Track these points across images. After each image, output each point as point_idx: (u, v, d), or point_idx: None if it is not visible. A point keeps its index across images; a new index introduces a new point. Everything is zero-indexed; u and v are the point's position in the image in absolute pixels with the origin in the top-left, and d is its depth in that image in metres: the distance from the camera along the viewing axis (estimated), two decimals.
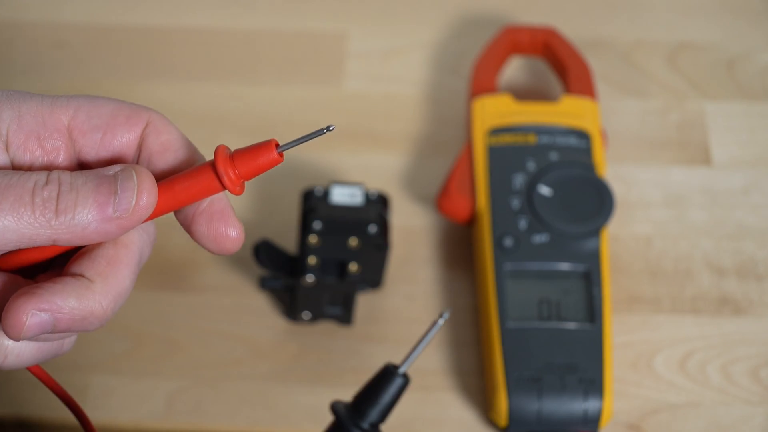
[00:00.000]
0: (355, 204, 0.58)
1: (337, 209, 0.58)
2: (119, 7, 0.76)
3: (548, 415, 0.53)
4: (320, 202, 0.58)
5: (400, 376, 0.44)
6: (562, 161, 0.60)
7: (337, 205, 0.58)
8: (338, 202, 0.58)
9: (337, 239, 0.57)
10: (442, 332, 0.60)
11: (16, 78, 0.72)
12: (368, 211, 0.58)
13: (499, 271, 0.57)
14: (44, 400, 0.57)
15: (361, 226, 0.58)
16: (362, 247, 0.57)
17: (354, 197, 0.59)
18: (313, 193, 0.59)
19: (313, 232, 0.57)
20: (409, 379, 0.45)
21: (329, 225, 0.58)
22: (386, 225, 0.59)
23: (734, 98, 0.70)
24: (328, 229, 0.57)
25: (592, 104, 0.63)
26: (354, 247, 0.57)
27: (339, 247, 0.57)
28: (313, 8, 0.76)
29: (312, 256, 0.56)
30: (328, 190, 0.59)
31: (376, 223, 0.58)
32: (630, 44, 0.73)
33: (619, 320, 0.60)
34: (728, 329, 0.60)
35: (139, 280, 0.62)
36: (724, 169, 0.66)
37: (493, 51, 0.67)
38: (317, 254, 0.57)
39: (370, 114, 0.70)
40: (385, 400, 0.44)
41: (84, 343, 0.59)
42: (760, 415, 0.56)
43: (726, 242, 0.63)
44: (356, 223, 0.58)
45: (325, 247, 0.57)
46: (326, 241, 0.57)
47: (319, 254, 0.57)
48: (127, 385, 0.57)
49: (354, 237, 0.57)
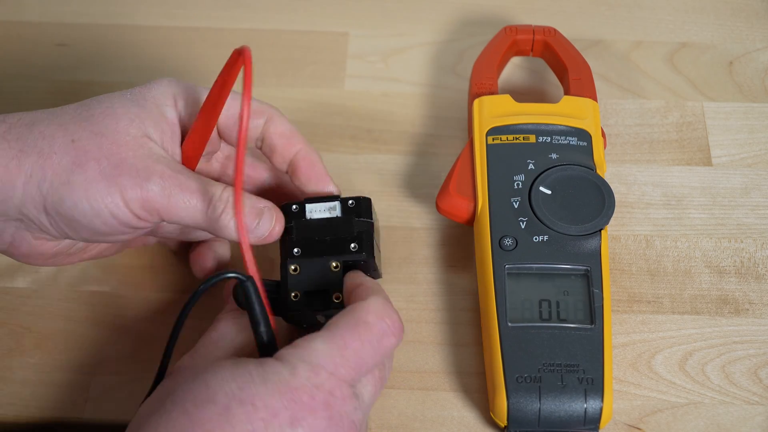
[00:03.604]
0: (333, 217, 0.55)
1: (315, 226, 0.55)
2: (119, 7, 0.76)
3: (548, 415, 0.53)
4: (297, 219, 0.55)
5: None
6: (562, 161, 0.60)
7: (314, 221, 0.55)
8: (315, 217, 0.55)
9: (318, 265, 0.54)
10: (442, 332, 0.60)
11: (17, 78, 0.72)
12: (348, 224, 0.55)
13: (499, 271, 0.57)
14: (44, 400, 0.57)
15: (342, 245, 0.54)
16: (345, 268, 0.54)
17: (331, 211, 0.55)
18: (288, 209, 0.55)
19: (293, 260, 0.54)
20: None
21: (308, 248, 0.54)
22: (370, 232, 0.55)
23: (734, 98, 0.70)
24: (307, 252, 0.54)
25: (592, 104, 0.63)
26: (336, 271, 0.54)
27: (320, 273, 0.54)
28: (313, 8, 0.76)
29: (294, 291, 0.53)
30: (303, 207, 0.55)
31: (358, 239, 0.54)
32: (630, 44, 0.73)
33: (619, 320, 0.60)
34: (728, 329, 0.60)
35: (140, 281, 0.62)
36: (724, 169, 0.67)
37: (493, 51, 0.67)
38: (299, 286, 0.53)
39: (370, 114, 0.70)
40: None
41: (84, 344, 0.59)
42: (760, 415, 0.56)
43: (726, 242, 0.63)
44: (336, 242, 0.54)
45: (307, 274, 0.54)
46: (307, 267, 0.54)
47: (300, 286, 0.53)
48: (127, 385, 0.57)
49: (334, 259, 0.54)
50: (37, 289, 0.62)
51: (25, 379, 0.58)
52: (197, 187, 0.49)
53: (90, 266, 0.62)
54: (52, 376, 0.58)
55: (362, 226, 0.55)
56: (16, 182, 0.47)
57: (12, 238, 0.51)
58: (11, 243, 0.51)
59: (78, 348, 0.59)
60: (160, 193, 0.48)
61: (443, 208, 0.61)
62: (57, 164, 0.47)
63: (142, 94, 0.51)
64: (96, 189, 0.47)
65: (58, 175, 0.47)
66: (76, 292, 0.61)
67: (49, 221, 0.49)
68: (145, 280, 0.62)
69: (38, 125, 0.48)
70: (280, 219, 0.54)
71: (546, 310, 0.56)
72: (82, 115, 0.49)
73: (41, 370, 0.58)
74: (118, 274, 0.62)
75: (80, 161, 0.47)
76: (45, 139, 0.48)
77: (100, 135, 0.48)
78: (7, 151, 0.47)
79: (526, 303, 0.56)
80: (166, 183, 0.48)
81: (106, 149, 0.48)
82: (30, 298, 0.61)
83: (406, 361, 0.59)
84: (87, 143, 0.48)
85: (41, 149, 0.47)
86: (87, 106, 0.50)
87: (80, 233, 0.49)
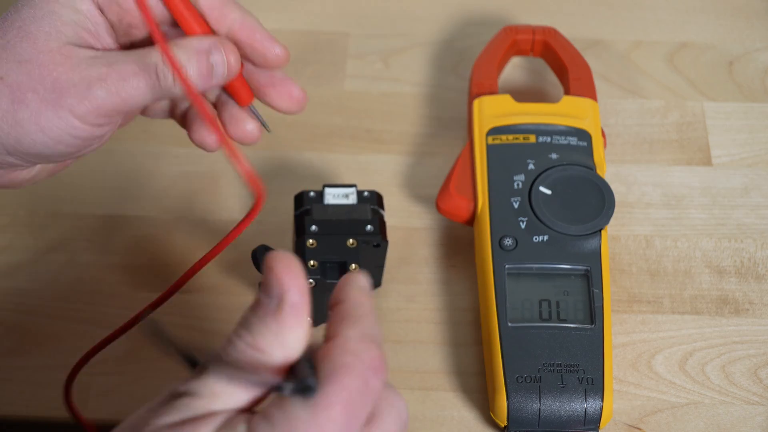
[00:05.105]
0: (349, 204, 0.58)
1: (332, 210, 0.58)
2: None
3: (548, 415, 0.53)
4: (315, 204, 0.58)
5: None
6: (562, 161, 0.60)
7: (332, 206, 0.58)
8: (332, 202, 0.58)
9: (335, 241, 0.57)
10: (442, 332, 0.60)
11: None
12: (363, 209, 0.58)
13: (499, 271, 0.57)
14: (44, 400, 0.57)
15: (358, 226, 0.57)
16: (360, 247, 0.57)
17: (348, 197, 0.58)
18: (306, 195, 0.59)
19: (310, 235, 0.57)
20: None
21: (325, 227, 0.57)
22: (383, 222, 0.59)
23: (734, 98, 0.70)
24: (325, 230, 0.57)
25: (592, 104, 0.63)
26: (352, 247, 0.57)
27: (337, 248, 0.57)
28: (313, 8, 0.76)
29: (311, 260, 0.56)
30: (322, 192, 0.58)
31: (373, 222, 0.58)
32: (630, 44, 0.73)
33: (619, 320, 0.60)
34: (728, 329, 0.60)
35: (139, 281, 0.62)
36: (724, 169, 0.66)
37: (493, 51, 0.67)
38: (316, 257, 0.56)
39: (370, 114, 0.70)
40: None
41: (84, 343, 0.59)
42: (760, 415, 0.56)
43: (726, 242, 0.63)
44: (352, 223, 0.58)
45: (324, 249, 0.57)
46: (324, 243, 0.57)
47: (318, 257, 0.56)
48: (127, 385, 0.57)
49: (351, 237, 0.57)
50: (37, 289, 0.62)
51: (25, 379, 0.58)
52: (137, 68, 0.46)
53: (90, 266, 0.62)
54: (52, 376, 0.58)
55: (376, 214, 0.58)
56: None
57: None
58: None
59: (78, 348, 0.59)
60: (108, 95, 0.46)
61: (443, 208, 0.61)
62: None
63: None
64: (46, 118, 0.46)
65: (4, 119, 0.46)
66: (76, 292, 0.61)
67: (17, 158, 0.48)
68: (145, 279, 0.62)
69: None
70: (232, 50, 0.49)
71: (546, 310, 0.56)
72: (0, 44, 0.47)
73: (41, 370, 0.58)
74: (118, 274, 0.62)
75: (18, 97, 0.46)
76: None
77: (24, 62, 0.46)
78: None
79: (526, 303, 0.56)
80: (107, 83, 0.46)
81: (36, 75, 0.46)
82: (30, 298, 0.61)
83: (406, 361, 0.59)
84: (16, 76, 0.46)
85: None
86: (1, 32, 0.47)
87: (51, 158, 0.48)
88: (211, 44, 0.48)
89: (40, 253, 0.63)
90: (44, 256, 0.63)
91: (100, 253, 0.63)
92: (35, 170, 0.51)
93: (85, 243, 0.63)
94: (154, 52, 0.47)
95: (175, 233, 0.64)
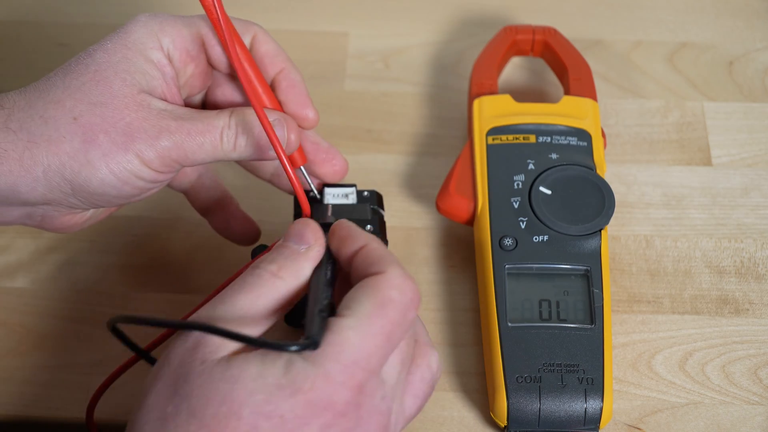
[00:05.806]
0: (349, 204, 0.58)
1: (332, 210, 0.57)
2: (119, 7, 0.76)
3: (548, 415, 0.53)
4: (314, 204, 0.58)
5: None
6: (562, 161, 0.60)
7: (332, 206, 0.58)
8: (332, 202, 0.58)
9: None
10: (442, 332, 0.60)
11: (18, 78, 0.72)
12: (363, 209, 0.58)
13: (499, 271, 0.57)
14: (44, 400, 0.57)
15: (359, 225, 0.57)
16: None
17: (348, 197, 0.58)
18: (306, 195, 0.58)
19: None
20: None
21: (325, 227, 0.57)
22: (383, 222, 0.58)
23: (734, 98, 0.70)
24: (325, 230, 0.57)
25: (592, 104, 0.63)
26: None
27: None
28: (313, 8, 0.76)
29: None
30: (322, 192, 0.58)
31: (373, 222, 0.57)
32: (630, 44, 0.73)
33: (619, 320, 0.60)
34: (728, 329, 0.60)
35: (139, 281, 0.62)
36: (724, 169, 0.66)
37: (493, 51, 0.67)
38: None
39: (370, 114, 0.70)
40: None
41: (84, 343, 0.59)
42: (760, 415, 0.56)
43: (726, 242, 0.63)
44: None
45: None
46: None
47: None
48: (127, 385, 0.57)
49: None
50: (37, 289, 0.62)
51: (25, 379, 0.58)
52: (204, 127, 0.50)
53: (90, 266, 0.62)
54: (52, 376, 0.58)
55: (376, 214, 0.58)
56: (35, 174, 0.48)
57: (42, 218, 0.52)
58: (41, 221, 0.52)
59: (78, 348, 0.59)
60: (173, 147, 0.49)
61: (443, 208, 0.61)
62: (70, 149, 0.48)
63: (122, 41, 0.51)
64: (115, 159, 0.48)
65: (75, 158, 0.48)
66: (76, 292, 0.61)
67: (79, 200, 0.50)
68: (145, 280, 0.62)
69: (35, 107, 0.48)
70: (294, 129, 0.54)
71: (546, 310, 0.56)
72: (74, 85, 0.49)
73: (41, 370, 0.58)
74: (118, 274, 0.62)
75: (90, 138, 0.48)
76: (48, 123, 0.48)
77: (98, 105, 0.48)
78: (16, 143, 0.48)
79: (526, 303, 0.56)
80: (174, 136, 0.49)
81: (110, 118, 0.48)
82: (30, 298, 0.61)
83: None
84: (89, 117, 0.48)
85: (49, 137, 0.48)
86: (75, 74, 0.50)
87: (111, 201, 0.51)
88: (275, 120, 0.52)
89: (40, 253, 0.63)
90: (44, 256, 0.63)
91: (99, 253, 0.63)
92: (87, 215, 0.54)
93: (85, 243, 0.63)
94: (222, 116, 0.51)
95: (175, 233, 0.64)
